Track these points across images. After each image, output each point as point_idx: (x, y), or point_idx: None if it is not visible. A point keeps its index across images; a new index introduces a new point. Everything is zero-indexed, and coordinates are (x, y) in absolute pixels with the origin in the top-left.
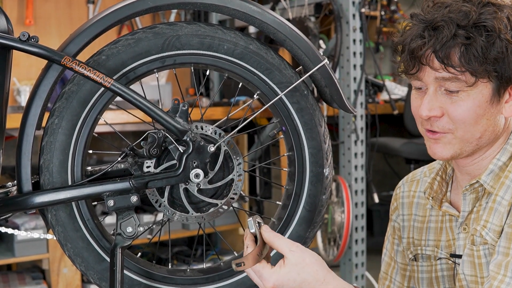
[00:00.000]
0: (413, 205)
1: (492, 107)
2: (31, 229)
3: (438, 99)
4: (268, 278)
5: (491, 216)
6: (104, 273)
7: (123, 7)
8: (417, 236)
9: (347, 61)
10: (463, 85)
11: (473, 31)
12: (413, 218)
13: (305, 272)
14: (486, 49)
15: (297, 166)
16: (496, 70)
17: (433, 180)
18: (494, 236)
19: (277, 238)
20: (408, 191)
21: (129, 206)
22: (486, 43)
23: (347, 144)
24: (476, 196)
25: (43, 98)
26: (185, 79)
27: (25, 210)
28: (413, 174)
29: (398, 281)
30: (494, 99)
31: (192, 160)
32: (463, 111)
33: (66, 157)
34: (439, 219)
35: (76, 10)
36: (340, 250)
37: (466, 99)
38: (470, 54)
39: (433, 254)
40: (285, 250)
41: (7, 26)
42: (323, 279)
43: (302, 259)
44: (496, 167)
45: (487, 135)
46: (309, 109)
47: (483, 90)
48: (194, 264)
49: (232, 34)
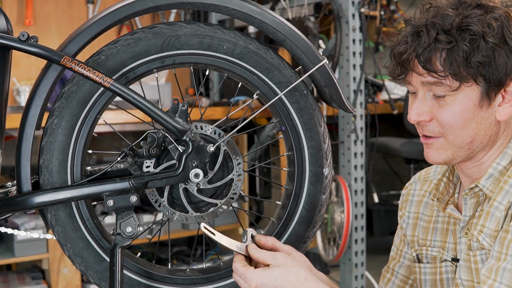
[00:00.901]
0: (421, 204)
1: (482, 111)
2: (31, 229)
3: (427, 103)
4: (251, 277)
5: (487, 221)
6: (104, 273)
7: (123, 7)
8: (423, 235)
9: (346, 61)
10: (447, 89)
11: (456, 35)
12: (420, 217)
13: (287, 272)
14: (470, 53)
15: (296, 166)
16: (482, 73)
17: (439, 181)
18: (491, 241)
19: (261, 252)
20: (419, 189)
21: (128, 206)
22: (470, 47)
23: (347, 144)
24: (477, 201)
25: (42, 98)
26: (184, 79)
27: (25, 210)
28: (426, 173)
29: (401, 274)
30: (483, 103)
31: (191, 160)
32: (450, 115)
33: (66, 157)
34: (445, 220)
35: (75, 10)
36: (340, 250)
37: (452, 103)
38: (452, 58)
39: (439, 255)
40: (269, 259)
41: (7, 26)
42: (304, 278)
43: (285, 262)
44: (495, 171)
45: (478, 139)
46: (309, 109)
47: (470, 94)
48: (193, 264)
49: (231, 34)
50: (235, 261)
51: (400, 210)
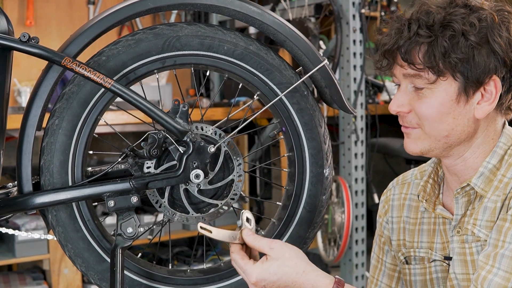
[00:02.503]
0: (404, 208)
1: (459, 106)
2: (32, 229)
3: (407, 95)
4: (251, 272)
5: (480, 214)
6: (105, 274)
7: (124, 8)
8: (409, 238)
9: (347, 61)
10: (425, 82)
11: (438, 31)
12: (404, 220)
13: (285, 266)
14: (448, 49)
15: (297, 167)
16: (460, 70)
17: (426, 183)
18: (487, 231)
19: (257, 240)
20: (399, 193)
21: (129, 207)
22: (449, 43)
23: (347, 145)
24: (469, 200)
25: (43, 99)
26: (185, 79)
27: (26, 210)
28: (403, 177)
29: (384, 283)
30: (460, 99)
31: (192, 161)
32: (427, 107)
33: (67, 158)
34: (431, 221)
35: (76, 11)
36: (340, 251)
37: (430, 96)
38: (430, 52)
39: (427, 256)
40: (266, 248)
41: (8, 27)
42: (302, 271)
43: (282, 254)
44: (486, 169)
45: (455, 134)
46: (309, 110)
47: (447, 88)
48: (194, 265)
49: (232, 35)
50: (232, 252)
51: (380, 217)
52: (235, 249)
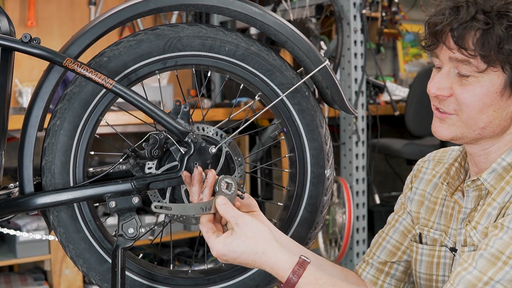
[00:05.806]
0: (430, 184)
1: (501, 100)
2: (33, 230)
3: (449, 79)
4: (213, 246)
5: (483, 219)
6: (106, 274)
7: (125, 8)
8: (426, 215)
9: (348, 62)
10: (474, 69)
11: (495, 18)
12: (426, 196)
13: (244, 245)
14: (503, 39)
15: (298, 167)
16: (511, 62)
17: (450, 166)
18: (481, 237)
19: (227, 211)
20: (431, 169)
21: (130, 207)
22: (505, 33)
23: (348, 145)
24: (479, 195)
25: (45, 99)
26: (186, 80)
27: (27, 211)
28: (442, 155)
29: (394, 239)
30: (505, 92)
31: (193, 161)
32: (470, 96)
33: (68, 159)
34: (450, 205)
35: (78, 11)
36: (341, 251)
37: (475, 84)
38: (485, 40)
39: (440, 238)
40: (232, 222)
41: (9, 27)
42: (261, 251)
43: (244, 232)
44: (499, 166)
45: (492, 127)
46: (310, 110)
47: (494, 79)
48: (195, 265)
49: (233, 36)
50: (201, 223)
51: (409, 184)
52: (203, 220)
